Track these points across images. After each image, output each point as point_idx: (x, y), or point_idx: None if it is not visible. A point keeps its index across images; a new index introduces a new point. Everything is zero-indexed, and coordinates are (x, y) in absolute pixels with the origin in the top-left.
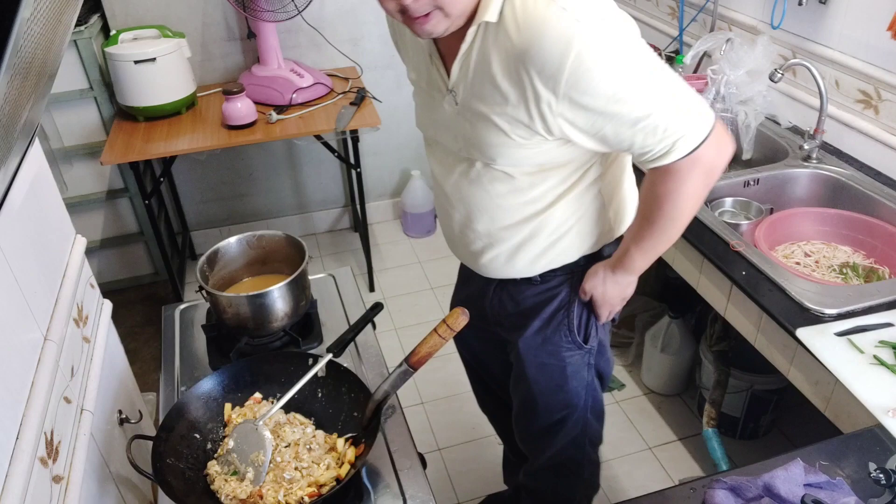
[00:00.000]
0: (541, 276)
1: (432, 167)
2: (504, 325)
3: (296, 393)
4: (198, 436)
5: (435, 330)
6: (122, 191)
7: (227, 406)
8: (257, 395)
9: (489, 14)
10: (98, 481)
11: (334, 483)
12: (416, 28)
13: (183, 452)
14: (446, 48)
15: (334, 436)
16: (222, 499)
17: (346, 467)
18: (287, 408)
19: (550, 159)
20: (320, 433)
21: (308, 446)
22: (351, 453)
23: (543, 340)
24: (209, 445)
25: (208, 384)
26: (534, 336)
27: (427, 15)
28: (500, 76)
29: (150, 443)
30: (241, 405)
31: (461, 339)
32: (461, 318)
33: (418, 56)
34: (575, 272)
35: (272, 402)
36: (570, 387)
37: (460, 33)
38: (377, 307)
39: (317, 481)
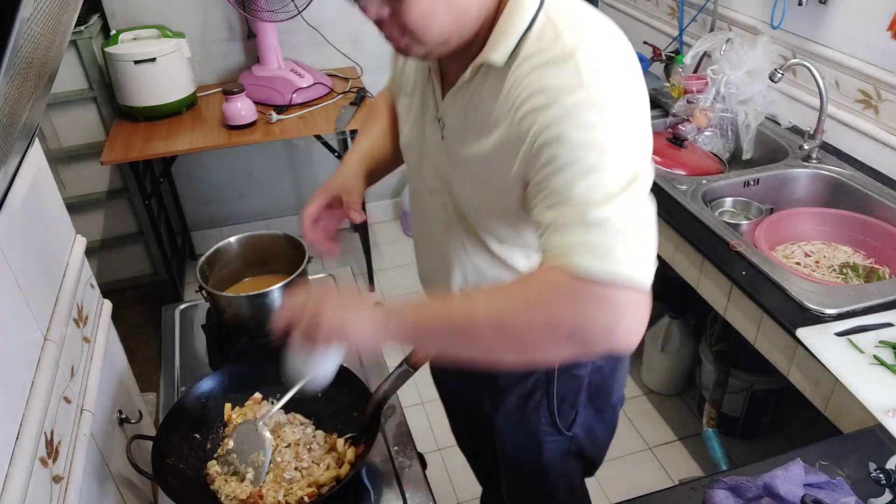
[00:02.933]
0: None
1: (411, 200)
2: (475, 387)
3: (296, 393)
4: (198, 436)
5: None
6: (122, 191)
7: (227, 406)
8: (257, 395)
9: (497, 55)
10: (98, 481)
11: (334, 483)
12: (392, 46)
13: (183, 452)
14: (448, 71)
15: (334, 436)
16: (222, 499)
17: (346, 467)
18: (287, 408)
19: (519, 226)
20: (320, 433)
21: (308, 446)
22: (351, 453)
23: (521, 420)
24: (209, 445)
25: (208, 384)
26: (511, 413)
27: (398, 38)
28: (493, 117)
29: (150, 443)
30: (241, 405)
31: (442, 376)
32: None
33: (418, 68)
34: None
35: (272, 403)
36: (546, 472)
37: (462, 60)
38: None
39: (316, 481)
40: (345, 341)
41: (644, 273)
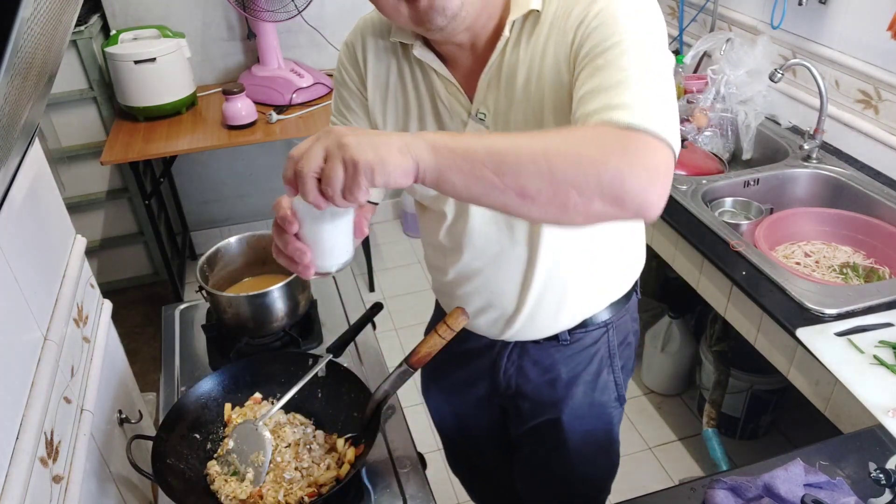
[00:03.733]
0: (570, 334)
1: (455, 236)
2: (529, 397)
3: (296, 393)
4: (198, 436)
5: (435, 330)
6: (122, 191)
7: (227, 406)
8: (257, 395)
9: (534, 1)
10: (98, 481)
11: (334, 483)
12: (428, 17)
13: (183, 452)
14: (462, 74)
15: (334, 436)
16: (222, 499)
17: (346, 467)
18: (287, 408)
19: None
20: (320, 433)
21: (308, 446)
22: (351, 453)
23: (590, 404)
24: (209, 445)
25: (208, 384)
26: (580, 404)
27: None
28: (541, 51)
29: (150, 443)
30: (241, 405)
31: (441, 404)
32: (461, 318)
33: (412, 102)
34: (610, 325)
35: (272, 403)
36: (614, 449)
37: (480, 48)
38: (377, 307)
39: (316, 481)
40: (380, 168)
41: (678, 143)
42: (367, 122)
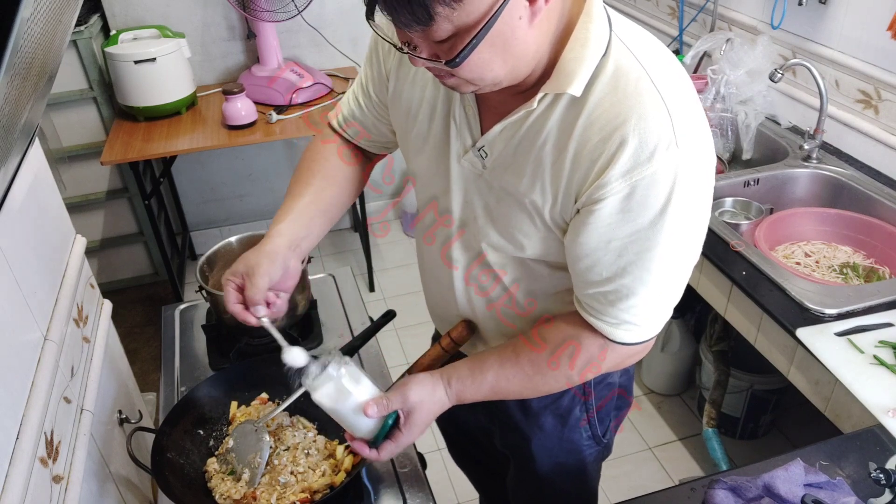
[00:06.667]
0: None
1: (422, 231)
2: (502, 416)
3: (300, 396)
4: (202, 431)
5: (438, 343)
6: (122, 191)
7: (234, 404)
8: (264, 396)
9: (574, 87)
10: (98, 481)
11: (328, 490)
12: (439, 80)
13: (185, 447)
14: (486, 104)
15: (335, 442)
16: (216, 497)
17: (342, 475)
18: (293, 411)
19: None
20: (321, 439)
21: (306, 451)
22: (348, 461)
23: (560, 438)
24: (212, 442)
25: (217, 381)
26: (549, 436)
27: (447, 78)
28: (554, 154)
29: (151, 440)
30: (248, 404)
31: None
32: (465, 333)
33: (433, 94)
34: None
35: (278, 404)
36: (589, 485)
37: (510, 90)
38: (390, 315)
39: (310, 487)
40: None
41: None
42: (379, 112)
